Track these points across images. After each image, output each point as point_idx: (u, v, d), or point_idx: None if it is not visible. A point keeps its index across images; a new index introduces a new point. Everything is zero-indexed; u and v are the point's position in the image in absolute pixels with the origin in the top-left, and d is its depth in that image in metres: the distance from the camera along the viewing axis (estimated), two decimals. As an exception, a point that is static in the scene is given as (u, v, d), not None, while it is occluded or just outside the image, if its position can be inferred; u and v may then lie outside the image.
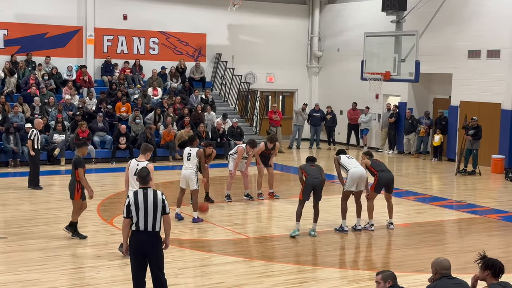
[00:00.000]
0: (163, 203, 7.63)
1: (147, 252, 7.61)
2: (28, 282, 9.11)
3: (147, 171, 7.85)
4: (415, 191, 16.87)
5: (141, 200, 7.56)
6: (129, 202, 7.59)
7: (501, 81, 20.58)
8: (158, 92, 23.44)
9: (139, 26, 24.49)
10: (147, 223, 7.54)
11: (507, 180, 18.86)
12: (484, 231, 12.97)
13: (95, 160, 20.02)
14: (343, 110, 26.42)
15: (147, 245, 7.59)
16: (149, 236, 7.56)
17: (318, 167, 12.03)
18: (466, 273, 7.63)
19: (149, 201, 7.57)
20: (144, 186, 7.70)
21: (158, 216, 7.57)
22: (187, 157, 12.88)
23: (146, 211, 7.52)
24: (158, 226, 7.59)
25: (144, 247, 7.59)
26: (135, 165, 10.27)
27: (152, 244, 7.61)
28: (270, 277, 9.51)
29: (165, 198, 7.69)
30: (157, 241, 7.64)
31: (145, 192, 7.63)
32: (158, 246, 7.66)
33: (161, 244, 7.73)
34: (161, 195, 7.68)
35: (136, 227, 7.58)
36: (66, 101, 21.42)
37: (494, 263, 6.02)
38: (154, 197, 7.61)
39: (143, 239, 7.57)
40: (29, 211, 13.62)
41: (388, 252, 11.43)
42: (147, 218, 7.53)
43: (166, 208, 7.66)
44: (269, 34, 26.79)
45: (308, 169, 11.90)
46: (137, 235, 7.59)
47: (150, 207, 7.55)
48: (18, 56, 22.43)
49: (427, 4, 21.08)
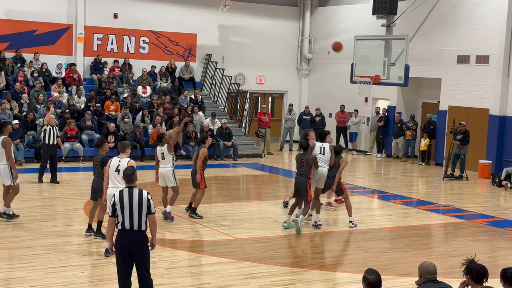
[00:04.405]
0: (148, 203, 7.59)
1: (132, 251, 7.59)
2: (13, 280, 9.06)
3: (132, 169, 7.82)
4: (402, 195, 16.92)
5: (126, 199, 7.53)
6: (114, 201, 7.57)
7: (490, 87, 20.70)
8: (148, 91, 23.38)
9: (129, 25, 24.42)
10: (132, 222, 7.52)
11: (494, 185, 18.96)
12: (470, 235, 13.03)
13: (83, 158, 19.95)
14: (332, 112, 26.46)
15: (133, 244, 7.57)
16: (135, 235, 7.55)
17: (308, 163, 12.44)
18: (452, 277, 7.67)
19: (134, 201, 7.54)
20: (130, 185, 7.67)
21: (143, 216, 7.55)
22: (161, 157, 12.77)
23: (131, 210, 7.51)
24: (143, 225, 7.58)
25: (130, 246, 7.56)
26: (116, 161, 10.33)
27: (138, 243, 7.58)
28: (257, 279, 9.51)
29: (150, 198, 7.64)
30: (143, 240, 7.61)
31: (131, 191, 7.60)
32: (144, 245, 7.64)
33: (147, 243, 7.70)
34: (147, 194, 7.63)
35: (122, 226, 7.56)
36: (55, 98, 21.33)
37: (473, 269, 6.00)
38: (139, 196, 7.57)
39: (129, 238, 7.55)
40: (15, 209, 13.51)
41: (374, 255, 11.45)
42: (132, 218, 7.51)
43: (151, 207, 7.62)
44: (259, 36, 26.80)
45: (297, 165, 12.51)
46: (122, 234, 7.58)
47: (135, 206, 7.52)
48: (7, 52, 22.31)
49: (418, 9, 21.17)
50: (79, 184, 16.50)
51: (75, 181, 17.41)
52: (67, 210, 13.67)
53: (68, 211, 13.55)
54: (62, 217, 13.09)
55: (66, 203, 14.30)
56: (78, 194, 15.03)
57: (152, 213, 7.64)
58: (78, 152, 19.98)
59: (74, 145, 19.95)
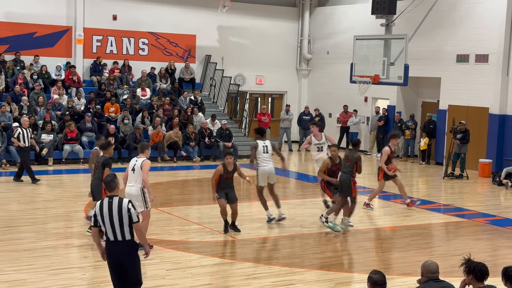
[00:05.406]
0: (129, 212, 7.24)
1: (122, 261, 7.37)
2: (15, 282, 9.05)
3: (112, 176, 7.46)
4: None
5: (106, 211, 7.24)
6: (95, 212, 7.33)
7: (489, 86, 20.71)
8: (147, 93, 23.39)
9: (128, 26, 24.42)
10: (115, 233, 7.25)
11: (494, 184, 18.97)
12: (471, 234, 13.04)
13: (83, 160, 19.94)
14: (332, 112, 26.47)
15: (121, 255, 7.34)
16: (121, 246, 7.29)
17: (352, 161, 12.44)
18: (453, 277, 7.67)
19: (114, 211, 7.21)
20: (111, 194, 7.34)
21: (125, 226, 7.23)
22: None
23: (111, 221, 7.21)
24: (128, 235, 7.27)
25: (118, 257, 7.35)
26: (133, 161, 10.57)
27: (125, 253, 7.34)
28: (258, 279, 9.51)
29: (131, 207, 7.29)
30: (130, 250, 7.35)
31: (110, 201, 7.28)
32: (132, 254, 7.38)
33: (136, 251, 7.42)
34: (127, 203, 7.29)
35: (107, 238, 7.34)
36: (55, 101, 21.34)
37: (475, 267, 6.00)
38: (119, 206, 7.23)
39: (116, 250, 7.32)
40: (17, 211, 13.54)
41: (375, 255, 11.45)
42: (114, 229, 7.23)
43: (132, 217, 7.26)
44: (259, 36, 26.81)
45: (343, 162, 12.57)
46: (109, 245, 7.36)
47: (115, 217, 7.21)
48: (6, 55, 22.32)
49: (417, 8, 21.17)
50: (80, 186, 16.48)
51: (76, 183, 17.41)
52: (68, 212, 13.67)
53: (68, 213, 13.55)
54: (63, 219, 13.08)
55: (66, 205, 14.30)
56: (78, 196, 15.02)
57: (134, 222, 7.29)
58: (78, 154, 19.98)
59: (74, 147, 19.95)
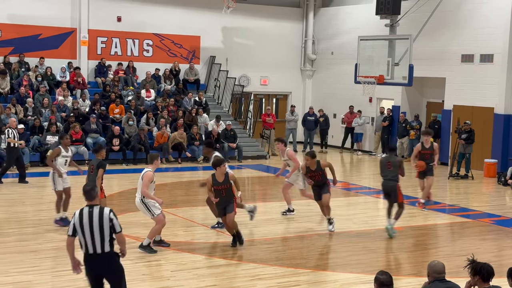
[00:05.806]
0: (111, 222, 6.93)
1: (103, 273, 7.10)
2: (20, 284, 9.07)
3: (91, 185, 7.30)
4: (408, 195, 16.83)
5: (86, 221, 6.92)
6: (74, 221, 7.03)
7: (494, 86, 20.66)
8: (151, 94, 23.42)
9: (133, 28, 24.45)
10: (95, 245, 6.91)
11: (500, 184, 18.91)
12: (476, 235, 13.00)
13: (88, 161, 19.93)
14: (336, 113, 26.45)
15: (101, 268, 7.04)
16: (100, 259, 6.96)
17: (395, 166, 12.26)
18: (459, 277, 7.64)
19: (94, 222, 6.90)
20: (90, 203, 7.06)
21: (106, 237, 6.90)
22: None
23: (91, 232, 6.89)
24: (107, 246, 6.95)
25: (98, 270, 7.06)
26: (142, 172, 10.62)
27: (106, 266, 7.03)
28: (263, 280, 9.50)
29: (113, 216, 6.98)
30: (110, 261, 7.03)
31: (91, 211, 6.97)
32: (113, 265, 7.06)
33: (118, 262, 7.12)
34: (109, 213, 6.98)
35: (85, 250, 6.99)
36: (60, 102, 21.38)
37: (482, 268, 5.99)
38: (99, 216, 6.91)
39: (95, 263, 7.00)
40: (21, 213, 13.57)
41: (381, 256, 11.43)
42: (94, 240, 6.90)
43: (115, 226, 6.96)
44: (263, 37, 26.80)
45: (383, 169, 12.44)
46: (88, 258, 7.01)
47: (95, 228, 6.89)
48: (11, 57, 22.37)
49: (421, 9, 21.15)
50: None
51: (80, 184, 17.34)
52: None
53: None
54: (68, 221, 13.10)
55: (71, 207, 14.22)
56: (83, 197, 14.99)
57: (117, 233, 6.99)
58: (83, 156, 20.00)
59: (79, 149, 19.96)
